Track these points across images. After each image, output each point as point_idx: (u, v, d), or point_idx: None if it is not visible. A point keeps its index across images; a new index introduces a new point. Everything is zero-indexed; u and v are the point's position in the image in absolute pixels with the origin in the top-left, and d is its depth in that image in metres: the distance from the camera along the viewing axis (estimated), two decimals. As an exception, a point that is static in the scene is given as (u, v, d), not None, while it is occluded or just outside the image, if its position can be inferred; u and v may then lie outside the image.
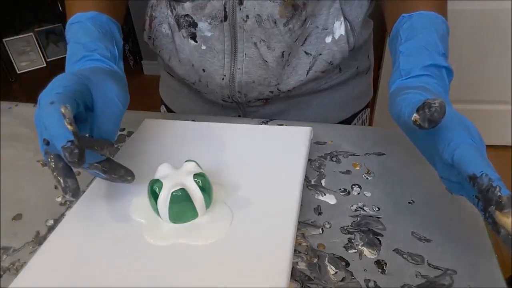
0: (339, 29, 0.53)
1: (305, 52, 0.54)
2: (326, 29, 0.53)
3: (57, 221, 0.42)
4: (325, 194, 0.44)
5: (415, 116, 0.32)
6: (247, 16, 0.50)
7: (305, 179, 0.45)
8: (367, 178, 0.46)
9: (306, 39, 0.53)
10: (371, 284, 0.34)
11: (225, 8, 0.50)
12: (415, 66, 0.40)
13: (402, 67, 0.41)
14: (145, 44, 0.64)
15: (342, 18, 0.53)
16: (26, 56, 2.85)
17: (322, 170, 0.47)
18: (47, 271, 0.35)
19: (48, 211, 0.44)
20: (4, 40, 2.83)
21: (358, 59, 0.62)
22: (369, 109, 0.71)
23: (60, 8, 2.83)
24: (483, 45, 1.58)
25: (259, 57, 0.53)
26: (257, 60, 0.53)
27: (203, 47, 0.54)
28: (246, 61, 0.54)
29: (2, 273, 0.37)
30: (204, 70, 0.56)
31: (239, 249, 0.36)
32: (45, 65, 2.87)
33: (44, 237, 0.40)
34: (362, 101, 0.68)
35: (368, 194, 0.44)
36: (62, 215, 0.43)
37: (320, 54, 0.54)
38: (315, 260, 0.37)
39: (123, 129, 0.57)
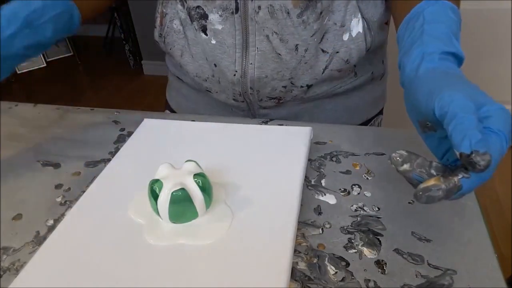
0: (357, 26, 0.53)
1: (322, 50, 0.54)
2: (344, 26, 0.53)
3: (57, 221, 0.42)
4: (325, 194, 0.44)
5: (460, 154, 0.30)
6: (259, 7, 0.50)
7: (305, 179, 0.45)
8: (367, 178, 0.46)
9: (323, 36, 0.53)
10: (371, 284, 0.34)
11: None
12: (438, 50, 0.37)
13: (426, 49, 0.38)
14: (145, 44, 0.64)
15: (359, 16, 0.53)
16: (26, 56, 2.84)
17: (322, 170, 0.47)
18: (47, 271, 0.35)
19: (48, 211, 0.44)
20: (4, 40, 2.83)
21: (374, 64, 0.61)
22: (382, 116, 0.70)
23: (60, 8, 2.82)
24: (483, 45, 1.58)
25: (271, 50, 0.53)
26: (269, 54, 0.53)
27: (213, 42, 0.54)
28: (258, 56, 0.53)
29: (2, 273, 0.37)
30: (215, 65, 0.56)
31: (239, 249, 0.36)
32: (45, 65, 2.87)
33: (44, 237, 0.40)
34: (376, 107, 0.67)
35: (368, 194, 0.44)
36: (62, 215, 0.43)
37: (337, 52, 0.54)
38: (315, 260, 0.37)
39: (123, 129, 0.57)
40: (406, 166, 0.33)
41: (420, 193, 0.31)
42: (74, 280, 0.35)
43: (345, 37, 0.53)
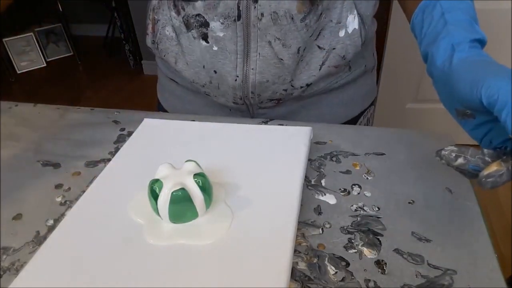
0: (353, 22, 0.53)
1: (318, 46, 0.54)
2: (340, 23, 0.53)
3: (57, 221, 0.42)
4: (325, 194, 0.44)
5: None
6: (262, 14, 0.49)
7: (305, 179, 0.45)
8: (367, 178, 0.46)
9: (320, 33, 0.53)
10: (371, 284, 0.34)
11: (238, 7, 0.49)
12: (465, 39, 0.38)
13: (454, 39, 0.38)
14: (145, 44, 0.64)
15: (355, 12, 0.53)
16: (26, 56, 2.85)
17: (322, 170, 0.47)
18: (47, 271, 0.35)
19: (48, 211, 0.44)
20: (4, 40, 2.83)
21: (366, 57, 0.62)
22: (373, 107, 0.72)
23: (60, 8, 2.83)
24: (483, 45, 1.58)
25: (273, 56, 0.53)
26: (271, 60, 0.53)
27: (215, 48, 0.53)
28: (259, 61, 0.53)
29: (2, 273, 0.37)
30: (215, 72, 0.55)
31: (239, 249, 0.36)
32: (45, 65, 2.88)
33: (44, 237, 0.40)
34: (369, 99, 0.68)
35: (368, 194, 0.44)
36: (62, 215, 0.43)
37: (334, 49, 0.54)
38: (315, 260, 0.37)
39: (123, 129, 0.57)
40: (461, 160, 0.33)
41: (484, 179, 0.31)
42: (74, 280, 0.35)
43: (341, 33, 0.54)
